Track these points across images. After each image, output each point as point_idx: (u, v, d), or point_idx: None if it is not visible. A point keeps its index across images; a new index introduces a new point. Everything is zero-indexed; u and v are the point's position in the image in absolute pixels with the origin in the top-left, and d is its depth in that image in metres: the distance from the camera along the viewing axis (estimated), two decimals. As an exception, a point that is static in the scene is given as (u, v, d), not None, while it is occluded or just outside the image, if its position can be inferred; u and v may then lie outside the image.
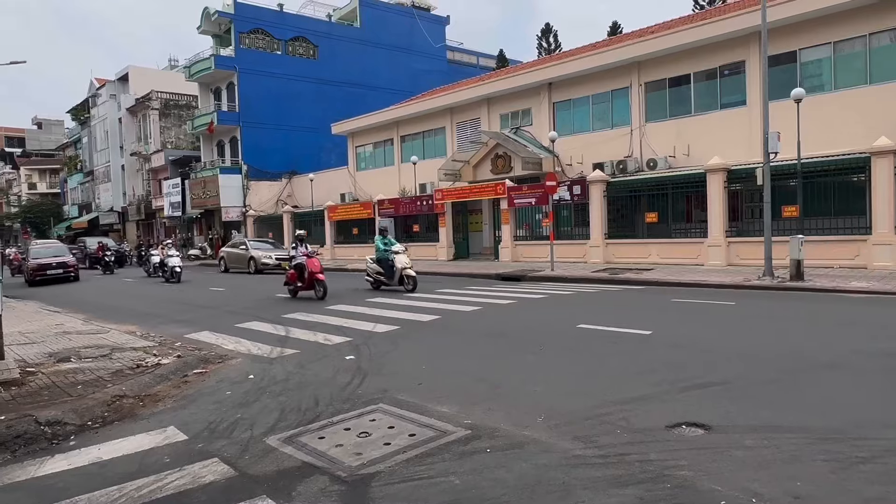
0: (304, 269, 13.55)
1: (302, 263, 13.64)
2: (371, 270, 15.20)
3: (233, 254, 25.24)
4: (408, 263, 14.45)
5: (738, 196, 16.75)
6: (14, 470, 4.20)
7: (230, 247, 26.25)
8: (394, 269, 14.38)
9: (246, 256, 23.82)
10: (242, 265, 24.05)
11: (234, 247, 25.71)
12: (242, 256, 24.16)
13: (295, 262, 13.90)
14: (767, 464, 3.70)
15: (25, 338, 9.30)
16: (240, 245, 25.29)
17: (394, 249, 14.56)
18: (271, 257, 23.13)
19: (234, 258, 24.97)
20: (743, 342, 7.36)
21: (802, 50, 16.67)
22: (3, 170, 69.68)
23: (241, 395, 5.88)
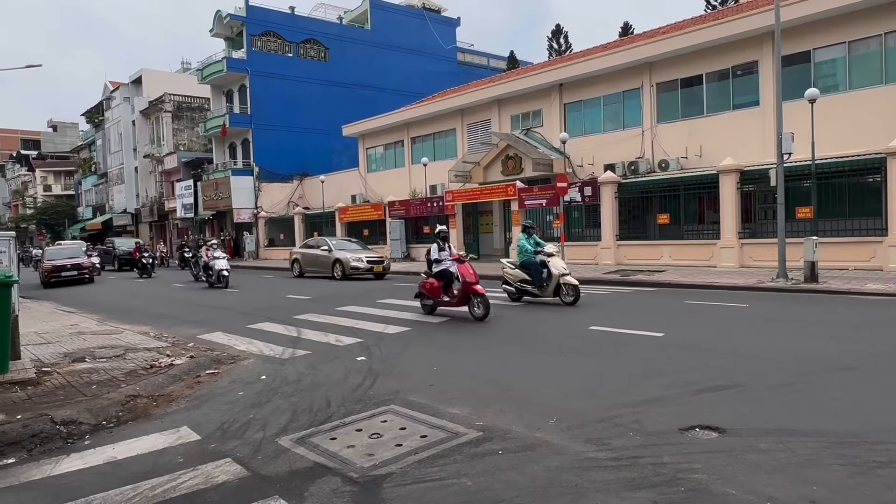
0: (453, 278, 10.27)
1: (449, 271, 10.33)
2: (512, 278, 12.13)
3: (310, 255, 21.46)
4: (565, 269, 11.55)
5: (751, 197, 16.61)
6: (30, 469, 4.25)
7: (305, 247, 22.46)
8: (547, 275, 11.40)
9: (329, 259, 20.20)
10: (324, 269, 20.36)
11: (312, 247, 21.87)
12: (324, 259, 20.53)
13: (439, 269, 10.45)
14: (783, 468, 3.66)
15: (41, 338, 9.40)
16: (319, 246, 21.36)
17: (546, 250, 11.65)
18: (362, 260, 19.47)
19: (311, 261, 21.26)
20: (756, 345, 7.29)
21: (816, 50, 16.51)
22: (20, 172, 70.57)
23: (253, 395, 5.91)
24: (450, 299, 10.30)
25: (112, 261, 31.55)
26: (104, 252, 32.68)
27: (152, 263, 25.41)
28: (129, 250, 30.67)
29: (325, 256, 20.51)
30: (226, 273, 18.21)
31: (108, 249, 33.32)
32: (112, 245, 33.48)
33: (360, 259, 19.47)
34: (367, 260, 19.47)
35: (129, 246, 31.94)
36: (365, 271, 19.29)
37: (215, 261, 18.47)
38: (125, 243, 33.47)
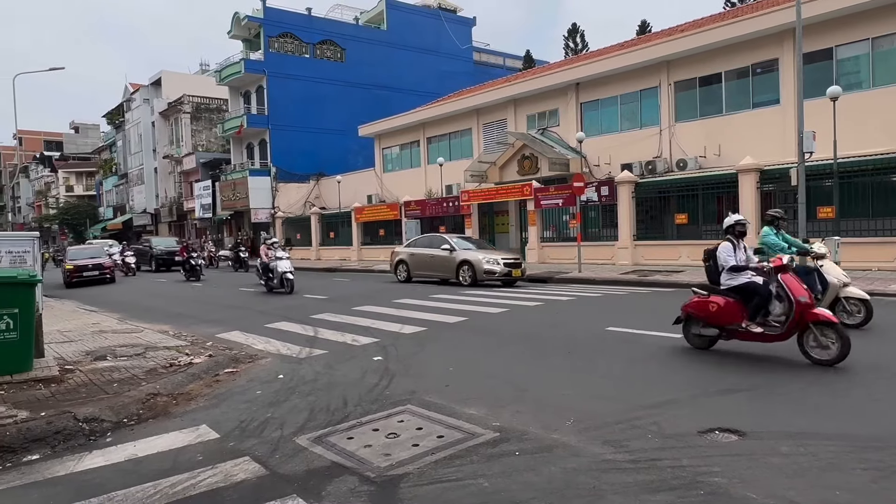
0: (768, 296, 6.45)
1: (761, 286, 6.50)
2: None
3: (423, 256, 17.34)
4: (845, 276, 8.37)
5: (771, 197, 16.38)
6: (54, 465, 4.32)
7: (415, 246, 18.19)
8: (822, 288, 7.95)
9: (451, 261, 16.27)
10: (443, 273, 16.70)
11: (425, 247, 17.62)
12: (444, 261, 16.56)
13: (739, 282, 6.69)
14: (804, 471, 3.61)
15: (64, 336, 9.56)
16: (437, 245, 17.14)
17: (816, 250, 8.38)
18: (498, 262, 15.48)
19: (425, 263, 17.28)
20: (777, 347, 7.18)
21: (839, 47, 16.24)
22: (43, 173, 71.86)
23: (271, 394, 5.96)
24: (762, 330, 6.47)
25: (149, 261, 29.50)
26: (139, 252, 30.38)
27: (201, 265, 22.65)
28: (167, 249, 29.32)
29: (446, 258, 16.57)
30: (290, 276, 15.65)
31: (143, 249, 30.92)
32: (149, 244, 31.17)
33: (496, 261, 15.56)
34: (505, 262, 15.61)
35: (167, 245, 30.44)
36: (501, 276, 15.47)
37: (277, 262, 15.82)
38: (163, 242, 31.62)
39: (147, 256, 29.73)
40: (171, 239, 34.40)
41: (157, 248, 29.84)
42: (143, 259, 29.76)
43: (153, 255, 29.35)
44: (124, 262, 27.14)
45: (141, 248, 31.14)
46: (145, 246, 31.17)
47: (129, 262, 27.02)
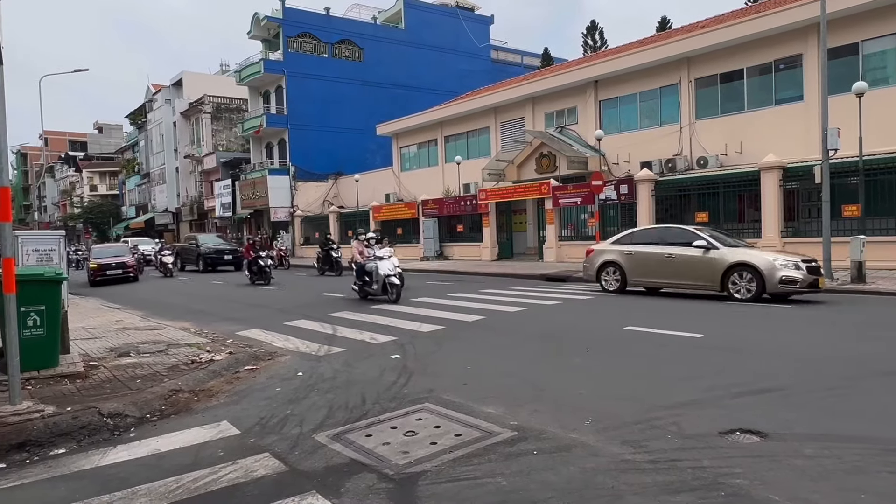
0: None
1: None
2: None
3: (652, 257, 12.30)
4: None
5: (794, 195, 16.14)
6: (79, 459, 4.41)
7: (634, 242, 12.95)
8: None
9: (714, 264, 11.31)
10: (694, 280, 11.69)
11: (656, 242, 12.52)
12: (696, 264, 11.53)
13: None
14: (828, 474, 3.55)
15: (88, 333, 9.74)
16: (681, 239, 12.01)
17: None
18: (798, 265, 10.73)
19: (656, 266, 12.22)
20: (800, 347, 7.08)
21: (865, 41, 15.92)
22: (67, 172, 73.26)
23: (290, 391, 6.01)
24: None
25: (196, 260, 26.58)
26: (184, 250, 28.07)
27: (270, 266, 19.21)
28: (216, 247, 26.77)
29: (701, 260, 11.47)
30: (395, 281, 12.43)
31: (189, 247, 28.00)
32: (195, 242, 27.76)
33: (794, 265, 10.76)
34: (807, 267, 10.77)
35: (214, 242, 27.83)
36: (805, 287, 10.67)
37: (376, 262, 12.71)
38: (210, 239, 28.75)
39: (194, 256, 26.80)
40: (214, 236, 31.91)
41: (205, 246, 26.92)
42: (188, 258, 27.38)
43: (201, 254, 26.32)
44: (161, 262, 25.29)
45: (186, 247, 28.38)
46: (191, 244, 27.97)
47: (165, 262, 24.65)
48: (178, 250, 28.18)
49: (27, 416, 4.99)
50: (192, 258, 27.14)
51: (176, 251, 27.96)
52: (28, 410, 5.10)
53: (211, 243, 27.75)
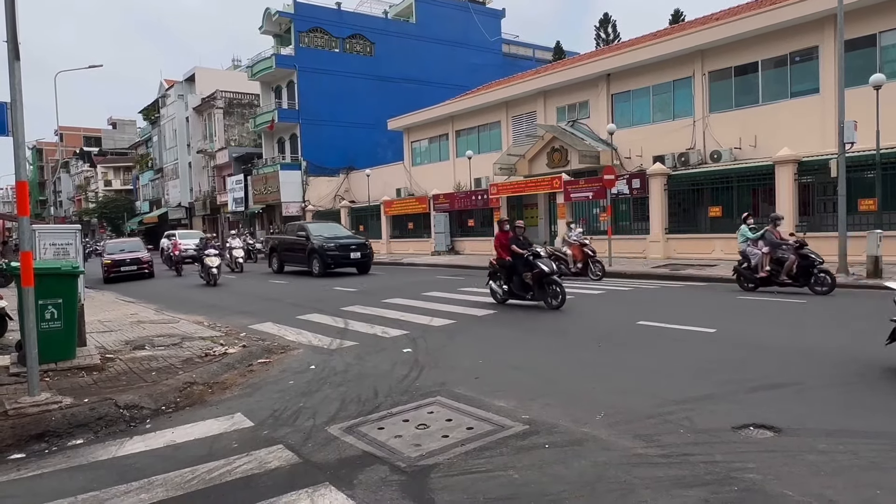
0: None
1: None
2: None
3: None
4: None
5: (809, 189, 15.94)
6: (97, 449, 4.48)
7: None
8: None
9: None
10: None
11: None
12: None
13: None
14: (843, 470, 3.52)
15: (104, 326, 9.87)
16: None
17: None
18: None
19: None
20: (815, 342, 7.02)
21: (883, 33, 15.64)
22: (82, 168, 74.01)
23: (303, 384, 6.06)
24: None
25: (306, 258, 19.32)
26: (284, 244, 21.21)
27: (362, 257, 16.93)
28: (339, 241, 19.25)
29: None
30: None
31: (293, 241, 20.53)
32: (304, 234, 19.78)
33: None
34: None
35: (332, 232, 20.12)
36: None
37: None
38: (325, 229, 20.49)
39: (302, 252, 19.54)
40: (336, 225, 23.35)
41: (320, 238, 19.13)
42: (291, 256, 20.51)
43: (317, 251, 18.84)
44: (231, 257, 22.12)
45: (288, 240, 20.94)
46: (299, 236, 20.05)
47: (209, 266, 17.79)
48: (272, 244, 22.10)
49: (46, 407, 5.08)
50: (297, 255, 19.98)
51: (272, 246, 22.05)
52: (46, 402, 5.19)
53: (327, 233, 19.81)
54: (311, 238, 19.37)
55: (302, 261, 19.75)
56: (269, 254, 22.07)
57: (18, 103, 5.24)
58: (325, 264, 18.70)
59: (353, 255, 18.95)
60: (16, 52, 5.13)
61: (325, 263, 18.69)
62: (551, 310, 10.05)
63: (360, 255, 19.03)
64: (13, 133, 5.26)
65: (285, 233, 22.12)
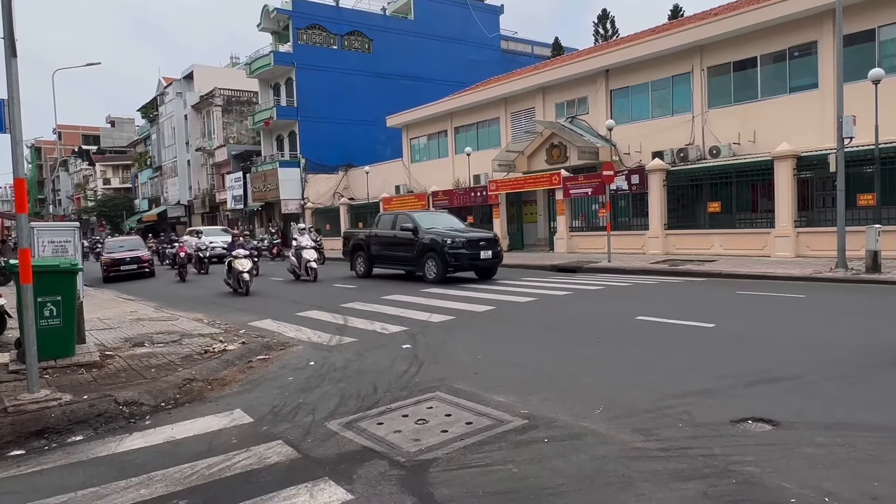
0: None
1: None
2: None
3: None
4: None
5: (808, 184, 15.94)
6: (97, 446, 4.49)
7: None
8: None
9: None
10: None
11: None
12: None
13: None
14: (841, 462, 3.53)
15: (104, 323, 9.87)
16: None
17: None
18: None
19: None
20: (813, 336, 7.03)
21: (882, 27, 15.64)
22: (81, 166, 73.93)
23: (302, 380, 6.07)
24: None
25: (416, 258, 15.07)
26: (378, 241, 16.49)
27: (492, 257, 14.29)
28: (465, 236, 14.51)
29: None
30: None
31: (391, 237, 16.04)
32: (410, 226, 15.39)
33: None
34: None
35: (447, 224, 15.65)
36: None
37: None
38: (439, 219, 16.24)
39: (410, 250, 15.08)
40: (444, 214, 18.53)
41: (434, 231, 14.73)
42: (391, 257, 16.09)
43: (430, 247, 14.49)
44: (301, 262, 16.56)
45: (384, 234, 16.25)
46: (403, 229, 15.51)
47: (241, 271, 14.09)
48: (355, 241, 17.43)
49: (45, 404, 5.08)
50: (399, 255, 15.72)
51: (353, 243, 17.46)
52: (46, 398, 5.19)
53: (441, 224, 15.41)
54: (421, 231, 14.94)
55: (406, 261, 15.51)
56: (352, 253, 17.48)
57: (16, 100, 5.23)
58: (446, 266, 14.21)
59: (484, 255, 14.40)
60: (13, 49, 5.12)
61: (446, 265, 14.20)
62: None
63: (492, 255, 14.61)
64: (11, 130, 5.25)
65: (376, 225, 17.14)
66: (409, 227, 15.42)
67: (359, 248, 17.20)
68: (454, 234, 14.67)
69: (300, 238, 17.57)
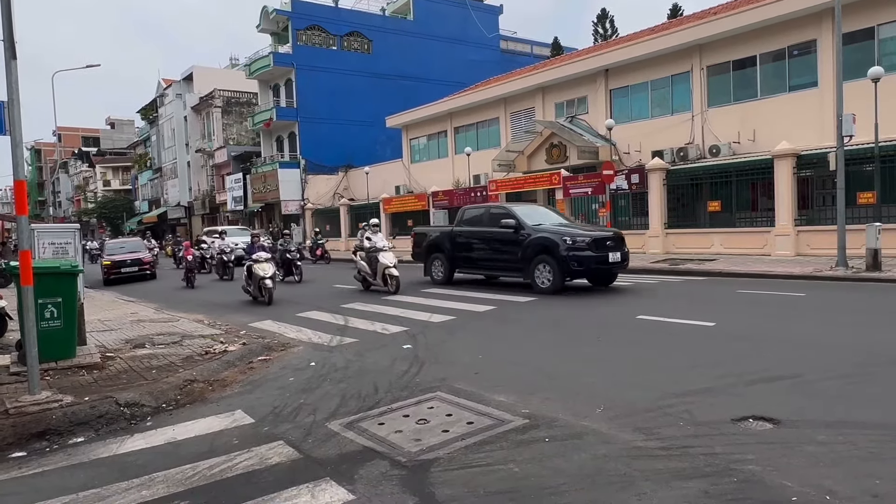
0: None
1: None
2: None
3: None
4: None
5: (808, 182, 15.94)
6: (98, 447, 4.49)
7: None
8: None
9: None
10: None
11: None
12: None
13: None
14: (842, 460, 3.53)
15: (104, 325, 9.87)
16: None
17: None
18: None
19: None
20: (814, 335, 7.03)
21: (881, 26, 15.63)
22: (81, 168, 73.93)
23: (303, 381, 6.07)
24: None
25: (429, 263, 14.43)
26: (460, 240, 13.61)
27: None
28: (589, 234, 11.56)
29: None
30: None
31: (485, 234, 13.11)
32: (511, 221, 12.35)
33: None
34: None
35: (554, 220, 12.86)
36: None
37: None
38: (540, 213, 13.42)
39: (512, 250, 12.20)
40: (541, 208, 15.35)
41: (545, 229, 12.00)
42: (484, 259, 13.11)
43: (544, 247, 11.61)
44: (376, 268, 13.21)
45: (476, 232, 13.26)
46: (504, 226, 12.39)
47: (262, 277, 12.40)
48: (431, 240, 14.48)
49: (46, 405, 5.08)
50: (496, 257, 12.71)
51: (428, 243, 14.52)
52: (47, 400, 5.19)
53: (548, 220, 12.67)
54: (526, 228, 11.97)
55: (505, 266, 12.53)
56: (426, 255, 14.56)
57: (16, 102, 5.24)
58: (564, 272, 11.21)
59: (613, 258, 11.43)
60: (12, 51, 5.13)
61: (564, 271, 11.21)
62: None
63: (621, 258, 11.65)
64: (11, 132, 5.26)
65: (460, 221, 13.88)
66: (508, 222, 12.23)
67: (436, 250, 14.23)
68: (573, 231, 11.65)
69: (374, 238, 13.65)
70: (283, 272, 15.22)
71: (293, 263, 16.87)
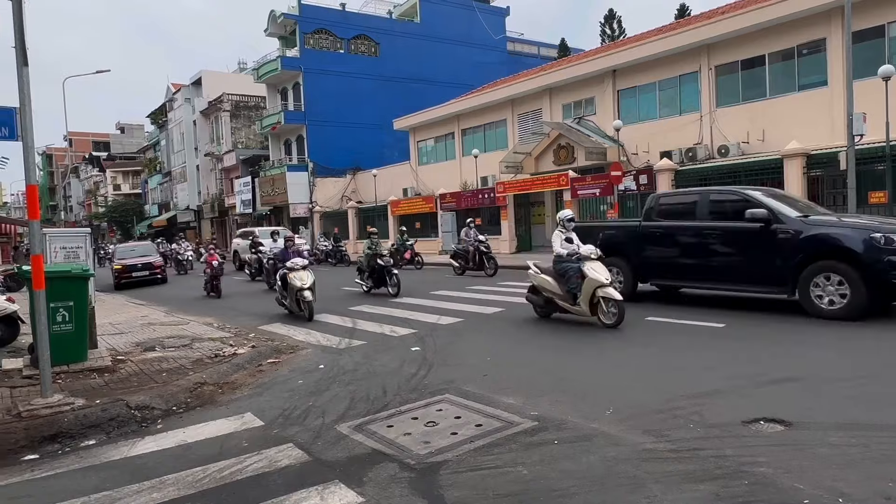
0: None
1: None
2: None
3: None
4: None
5: (818, 182, 15.81)
6: (109, 450, 4.52)
7: None
8: None
9: None
10: None
11: None
12: None
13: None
14: (855, 463, 3.50)
15: (115, 328, 9.95)
16: None
17: None
18: None
19: None
20: (824, 336, 6.96)
21: (892, 23, 15.50)
22: (92, 173, 74.57)
23: (312, 384, 6.08)
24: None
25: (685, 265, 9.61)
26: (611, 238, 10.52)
27: None
28: None
29: None
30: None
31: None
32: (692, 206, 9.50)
33: None
34: None
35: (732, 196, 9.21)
36: None
37: None
38: None
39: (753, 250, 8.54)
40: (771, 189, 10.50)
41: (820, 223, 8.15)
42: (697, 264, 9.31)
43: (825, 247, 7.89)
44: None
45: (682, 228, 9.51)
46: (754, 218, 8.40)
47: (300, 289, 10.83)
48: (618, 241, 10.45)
49: (58, 408, 5.13)
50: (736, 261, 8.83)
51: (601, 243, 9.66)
52: (59, 403, 5.24)
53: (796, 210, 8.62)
54: (784, 222, 8.34)
55: (746, 275, 8.77)
56: None
57: (28, 108, 5.29)
58: (877, 287, 7.53)
59: None
60: (24, 58, 5.18)
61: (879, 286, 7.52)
62: None
63: None
64: (23, 137, 5.32)
65: (656, 214, 10.03)
66: (756, 213, 8.43)
67: (615, 252, 10.27)
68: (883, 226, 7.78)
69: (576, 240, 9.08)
70: (373, 282, 13.37)
71: (387, 271, 13.06)
